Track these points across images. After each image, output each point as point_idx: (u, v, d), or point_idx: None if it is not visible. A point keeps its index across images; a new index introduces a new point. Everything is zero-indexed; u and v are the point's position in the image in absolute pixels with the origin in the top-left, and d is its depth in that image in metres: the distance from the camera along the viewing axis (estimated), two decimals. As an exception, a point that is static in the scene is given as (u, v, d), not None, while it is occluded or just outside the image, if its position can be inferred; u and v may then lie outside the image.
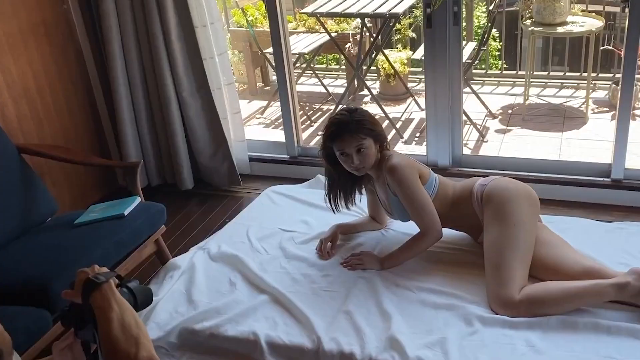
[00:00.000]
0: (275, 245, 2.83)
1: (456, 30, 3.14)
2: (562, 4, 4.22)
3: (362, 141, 2.42)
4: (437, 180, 2.59)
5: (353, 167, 2.46)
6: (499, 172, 3.18)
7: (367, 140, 2.43)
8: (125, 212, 2.46)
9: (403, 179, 2.44)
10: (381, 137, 2.51)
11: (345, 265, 2.61)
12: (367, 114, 2.53)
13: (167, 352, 2.34)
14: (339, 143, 2.44)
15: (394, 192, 2.51)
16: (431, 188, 2.54)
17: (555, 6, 4.22)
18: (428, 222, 2.48)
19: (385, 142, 2.56)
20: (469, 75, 5.13)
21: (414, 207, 2.47)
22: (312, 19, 4.84)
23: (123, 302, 1.30)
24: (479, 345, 2.14)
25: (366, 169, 2.49)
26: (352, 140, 2.41)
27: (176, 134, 3.44)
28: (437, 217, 2.49)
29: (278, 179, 3.59)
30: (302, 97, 5.12)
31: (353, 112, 2.49)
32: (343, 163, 2.48)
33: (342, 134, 2.42)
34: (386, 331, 2.22)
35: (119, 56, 3.34)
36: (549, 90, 4.97)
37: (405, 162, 2.50)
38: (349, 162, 2.46)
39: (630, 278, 2.18)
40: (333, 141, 2.46)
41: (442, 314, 2.30)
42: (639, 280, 2.16)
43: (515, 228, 2.36)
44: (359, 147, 2.42)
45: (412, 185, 2.46)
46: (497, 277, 2.29)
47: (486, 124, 4.44)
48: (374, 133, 2.46)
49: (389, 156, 2.51)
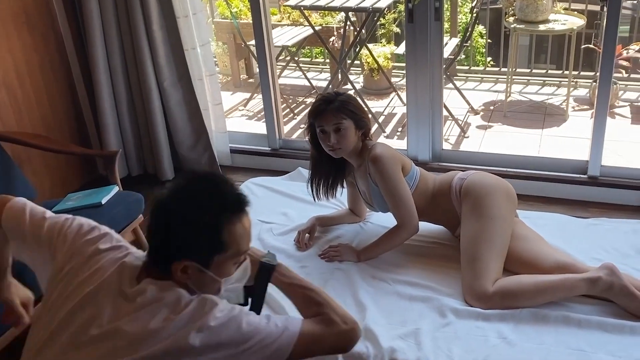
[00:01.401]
0: (254, 236, 2.79)
1: (437, 26, 3.15)
2: (545, 2, 4.26)
3: (342, 121, 2.44)
4: (418, 173, 2.61)
5: (329, 146, 2.47)
6: (478, 167, 3.22)
7: (347, 122, 2.45)
8: (103, 201, 2.46)
9: (385, 169, 2.46)
10: (363, 122, 2.53)
11: (322, 256, 2.63)
12: (353, 98, 2.57)
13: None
14: (319, 119, 2.46)
15: (375, 182, 2.52)
16: (412, 180, 2.56)
17: (537, 4, 4.25)
18: (405, 215, 2.50)
19: (368, 131, 2.58)
20: (453, 71, 5.16)
21: (393, 198, 2.49)
22: (297, 11, 4.84)
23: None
24: (451, 336, 2.17)
25: (342, 151, 2.49)
26: (332, 117, 2.43)
27: (157, 124, 3.44)
28: (414, 211, 2.51)
29: (259, 171, 3.60)
30: (286, 90, 5.12)
31: (340, 94, 2.53)
32: (321, 142, 2.49)
33: (323, 110, 2.44)
34: (361, 322, 2.23)
35: (100, 45, 3.32)
36: (531, 87, 5.01)
37: (389, 152, 2.52)
38: (326, 141, 2.47)
39: (602, 273, 2.22)
40: (315, 117, 2.47)
41: (416, 306, 2.33)
42: (610, 275, 2.20)
43: (491, 222, 2.38)
44: (337, 126, 2.44)
45: (394, 176, 2.48)
46: (472, 270, 2.32)
47: (468, 120, 4.47)
48: (355, 116, 2.48)
49: (373, 146, 2.53)
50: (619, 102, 4.51)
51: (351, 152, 2.54)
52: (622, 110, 4.45)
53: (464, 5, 5.68)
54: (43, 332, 1.40)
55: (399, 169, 2.51)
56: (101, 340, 1.34)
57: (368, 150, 2.52)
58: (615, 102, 4.45)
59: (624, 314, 2.22)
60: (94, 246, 1.47)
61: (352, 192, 2.79)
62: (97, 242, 1.48)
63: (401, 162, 2.54)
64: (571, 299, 2.29)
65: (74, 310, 1.38)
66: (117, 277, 1.42)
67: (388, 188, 2.48)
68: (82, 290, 1.39)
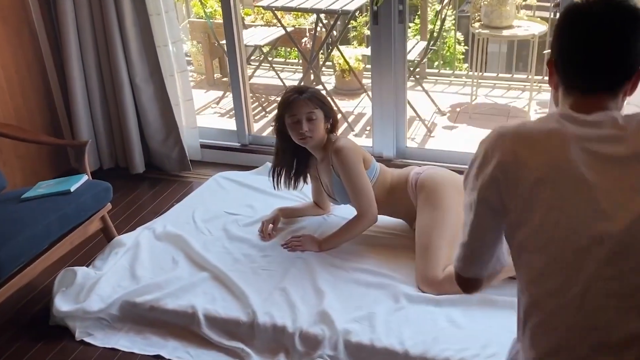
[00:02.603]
0: (219, 227, 2.94)
1: (401, 28, 3.28)
2: (509, 9, 4.41)
3: (314, 110, 2.57)
4: (378, 167, 2.74)
5: (301, 135, 2.58)
6: (439, 163, 3.34)
7: (319, 112, 2.59)
8: (72, 189, 2.53)
9: (347, 160, 2.59)
10: (331, 114, 2.66)
11: (285, 246, 2.74)
12: (319, 91, 2.70)
13: (109, 323, 2.44)
14: (292, 108, 2.57)
15: (337, 173, 2.64)
16: (372, 173, 2.69)
17: (501, 10, 4.40)
18: (365, 205, 2.62)
19: (335, 124, 2.71)
20: (422, 74, 5.31)
21: (354, 188, 2.61)
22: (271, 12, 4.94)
23: None
24: (403, 320, 2.29)
25: (313, 140, 2.61)
26: (305, 106, 2.55)
27: (128, 118, 3.52)
28: (374, 201, 2.63)
29: (228, 166, 3.69)
30: (259, 88, 5.22)
31: (308, 88, 2.67)
32: (293, 131, 2.60)
33: (295, 101, 2.56)
34: (318, 307, 2.36)
35: (74, 40, 3.39)
36: (498, 91, 5.17)
37: (352, 145, 2.65)
38: (298, 129, 2.57)
39: None
40: (287, 108, 2.58)
41: (372, 292, 2.45)
42: None
43: (443, 213, 2.52)
44: (309, 115, 2.56)
45: (355, 167, 2.60)
46: (425, 258, 2.45)
47: (435, 120, 4.60)
48: (325, 107, 2.62)
49: (336, 139, 2.66)
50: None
51: (317, 145, 2.66)
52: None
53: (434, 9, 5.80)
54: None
55: (361, 160, 2.64)
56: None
57: (332, 143, 2.64)
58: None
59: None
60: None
61: (316, 186, 2.90)
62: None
63: (363, 155, 2.67)
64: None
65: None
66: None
67: (349, 178, 2.60)
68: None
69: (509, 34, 4.47)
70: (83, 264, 2.75)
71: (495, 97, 5.02)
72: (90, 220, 2.61)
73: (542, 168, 1.26)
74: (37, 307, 2.59)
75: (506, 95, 5.07)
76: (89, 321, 2.42)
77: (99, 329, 2.42)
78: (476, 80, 4.86)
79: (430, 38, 4.51)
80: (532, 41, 4.47)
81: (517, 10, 4.59)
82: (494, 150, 1.31)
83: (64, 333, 2.42)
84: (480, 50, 4.61)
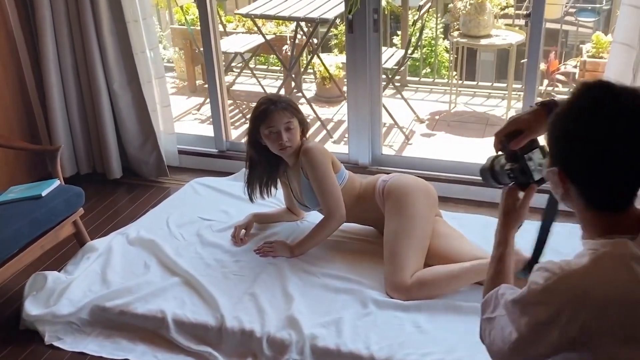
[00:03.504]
0: (192, 232, 2.96)
1: (376, 37, 3.32)
2: (486, 18, 4.47)
3: (291, 119, 2.60)
4: (347, 174, 2.77)
5: (281, 145, 2.60)
6: (415, 171, 3.38)
7: (295, 121, 2.62)
8: (43, 193, 2.55)
9: (315, 159, 2.62)
10: (304, 123, 2.70)
11: (257, 252, 2.76)
12: (291, 100, 2.74)
13: (78, 327, 2.45)
14: (269, 120, 2.58)
15: (306, 174, 2.67)
16: (341, 179, 2.72)
17: (479, 19, 4.46)
18: (333, 205, 2.65)
19: (306, 130, 2.74)
20: (403, 81, 5.36)
21: (322, 188, 2.64)
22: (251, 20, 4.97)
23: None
24: (371, 325, 2.32)
25: (292, 148, 2.64)
26: (282, 117, 2.58)
27: (106, 124, 3.53)
28: (342, 201, 2.66)
29: (206, 172, 3.71)
30: (241, 95, 5.25)
31: (280, 97, 2.70)
32: (271, 143, 2.62)
33: (272, 112, 2.58)
34: (287, 311, 2.38)
35: (52, 46, 3.41)
36: (478, 99, 5.22)
37: (320, 147, 2.70)
38: (277, 141, 2.60)
39: None
40: (263, 119, 2.59)
41: (341, 297, 2.48)
42: (515, 255, 2.38)
43: (411, 219, 2.55)
44: (288, 125, 2.59)
45: (323, 167, 2.63)
46: (393, 264, 2.48)
47: (413, 128, 4.64)
48: (299, 116, 2.66)
49: (305, 141, 2.70)
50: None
51: (294, 152, 2.69)
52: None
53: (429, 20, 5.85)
54: None
55: (329, 161, 2.67)
56: None
57: (302, 146, 2.68)
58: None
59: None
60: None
61: (287, 192, 2.93)
62: None
63: (331, 158, 2.71)
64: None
65: None
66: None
67: (317, 177, 2.63)
68: None
69: (487, 43, 4.53)
70: (55, 268, 2.76)
71: (475, 105, 5.08)
72: (61, 225, 2.62)
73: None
74: (7, 311, 2.60)
75: (486, 104, 5.13)
76: (58, 325, 2.43)
77: (69, 333, 2.43)
78: (455, 88, 4.91)
79: (408, 46, 4.56)
80: (510, 50, 4.53)
81: (495, 19, 4.65)
82: (576, 313, 1.17)
83: (33, 337, 2.43)
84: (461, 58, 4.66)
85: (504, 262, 1.52)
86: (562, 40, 5.44)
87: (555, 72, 4.70)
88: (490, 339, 1.39)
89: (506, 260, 1.52)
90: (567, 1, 5.46)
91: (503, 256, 1.52)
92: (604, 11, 5.45)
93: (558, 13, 5.26)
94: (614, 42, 2.79)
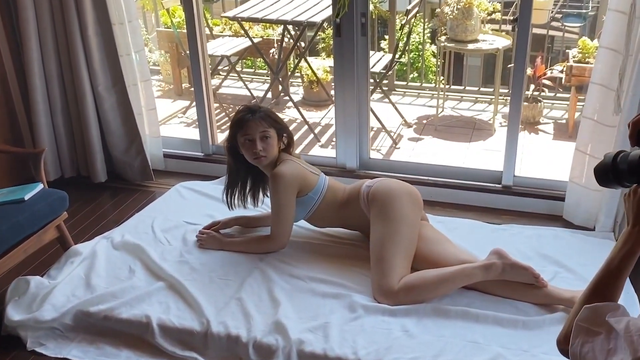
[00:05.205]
0: (178, 236, 2.93)
1: (364, 41, 3.31)
2: (473, 23, 4.49)
3: (268, 129, 2.59)
4: (324, 188, 2.74)
5: (255, 154, 2.60)
6: (402, 175, 3.38)
7: (272, 131, 2.61)
8: (26, 197, 2.51)
9: (278, 189, 2.63)
10: (283, 132, 2.68)
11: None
12: (272, 111, 2.73)
13: (62, 333, 2.41)
14: (245, 128, 2.59)
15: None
16: (317, 194, 2.71)
17: (466, 24, 4.47)
18: (279, 232, 2.70)
19: (290, 143, 2.73)
20: (391, 85, 5.36)
21: (275, 215, 2.68)
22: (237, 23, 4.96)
23: None
24: (358, 330, 2.30)
25: (267, 159, 2.63)
26: (258, 125, 2.58)
27: (90, 127, 3.49)
28: (288, 232, 2.71)
29: (191, 176, 3.68)
30: (227, 98, 5.23)
31: (260, 107, 2.69)
32: (246, 151, 2.62)
33: (248, 121, 2.59)
34: (273, 316, 2.36)
35: (36, 49, 3.36)
36: (465, 103, 5.23)
37: (291, 172, 2.65)
38: (252, 149, 2.59)
39: (494, 259, 2.41)
40: (240, 127, 2.60)
41: (329, 302, 2.46)
42: (501, 259, 2.40)
43: (397, 224, 2.54)
44: (263, 134, 2.59)
45: (284, 197, 2.64)
46: (380, 269, 2.47)
47: (401, 132, 4.64)
48: (277, 126, 2.65)
49: (282, 161, 2.67)
50: (543, 119, 4.76)
51: (270, 164, 2.67)
52: (547, 127, 4.69)
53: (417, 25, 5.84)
54: None
55: (293, 191, 2.66)
56: None
57: (276, 164, 2.66)
58: (539, 118, 4.70)
59: (521, 311, 2.39)
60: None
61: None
62: None
63: (303, 180, 2.68)
64: (473, 295, 2.45)
65: None
66: None
67: (274, 204, 2.66)
68: None
69: (474, 48, 4.54)
70: (39, 273, 2.72)
71: (462, 110, 5.09)
72: (45, 229, 2.58)
73: None
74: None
75: (473, 108, 5.14)
76: (41, 331, 2.39)
77: (51, 338, 2.38)
78: (442, 93, 4.92)
79: (395, 50, 4.56)
80: (497, 55, 4.54)
81: (482, 24, 4.67)
82: None
83: (15, 343, 2.38)
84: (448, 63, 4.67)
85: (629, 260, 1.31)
86: (549, 45, 5.48)
87: (541, 76, 4.71)
88: (583, 350, 1.24)
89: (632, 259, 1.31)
90: (554, 6, 5.50)
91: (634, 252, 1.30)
92: (589, 16, 5.49)
93: (544, 18, 5.31)
94: (600, 47, 2.80)
